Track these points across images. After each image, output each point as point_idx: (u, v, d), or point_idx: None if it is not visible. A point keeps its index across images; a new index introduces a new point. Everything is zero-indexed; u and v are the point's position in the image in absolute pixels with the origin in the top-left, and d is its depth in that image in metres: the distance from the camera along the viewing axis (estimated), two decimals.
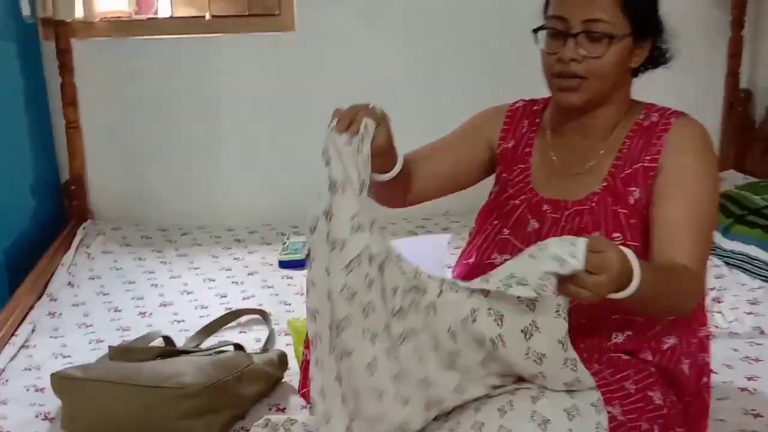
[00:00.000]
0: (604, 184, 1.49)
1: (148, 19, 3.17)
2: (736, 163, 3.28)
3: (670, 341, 1.51)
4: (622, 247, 1.22)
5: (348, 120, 1.35)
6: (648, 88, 3.41)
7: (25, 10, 2.85)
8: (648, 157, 1.46)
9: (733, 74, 3.26)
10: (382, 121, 1.39)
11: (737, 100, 3.26)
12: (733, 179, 3.15)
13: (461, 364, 1.32)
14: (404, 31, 3.12)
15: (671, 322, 1.52)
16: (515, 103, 1.66)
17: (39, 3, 2.83)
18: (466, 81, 3.07)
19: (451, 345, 1.30)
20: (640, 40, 1.46)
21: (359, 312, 1.28)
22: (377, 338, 1.30)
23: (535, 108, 1.63)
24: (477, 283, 1.27)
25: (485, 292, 1.26)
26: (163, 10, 3.21)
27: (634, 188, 1.47)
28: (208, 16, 3.10)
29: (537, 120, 1.61)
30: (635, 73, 1.52)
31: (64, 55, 2.96)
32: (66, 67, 2.97)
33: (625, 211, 1.47)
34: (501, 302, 1.25)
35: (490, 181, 1.66)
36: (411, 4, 3.09)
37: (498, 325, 1.26)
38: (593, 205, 1.48)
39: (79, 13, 2.88)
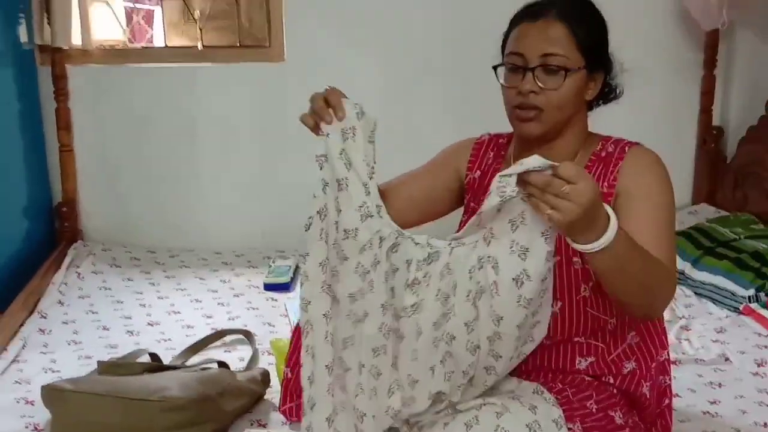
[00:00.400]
0: None
1: (142, 47, 3.26)
2: (708, 197, 3.38)
3: (630, 366, 1.58)
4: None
5: (328, 111, 1.47)
6: (623, 123, 3.53)
7: (23, 37, 2.92)
8: (605, 184, 1.54)
9: (705, 111, 3.37)
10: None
11: (710, 137, 3.37)
12: (705, 213, 3.25)
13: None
14: (386, 62, 3.20)
15: (630, 346, 1.60)
16: (482, 136, 1.75)
17: (36, 30, 2.90)
18: (444, 107, 3.17)
19: (451, 300, 1.40)
20: (592, 73, 1.54)
21: (368, 287, 1.42)
22: (368, 317, 1.43)
23: (500, 141, 1.71)
24: (470, 224, 1.38)
25: (487, 241, 1.36)
26: (157, 40, 3.30)
27: None
28: (200, 46, 3.19)
29: (502, 152, 1.69)
30: (590, 107, 1.61)
31: (59, 81, 3.03)
32: (61, 92, 3.04)
33: None
34: (498, 249, 1.34)
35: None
36: (396, 38, 3.19)
37: (495, 272, 1.35)
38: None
39: (76, 40, 2.95)
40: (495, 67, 1.57)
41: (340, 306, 1.47)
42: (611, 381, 1.57)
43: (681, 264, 2.79)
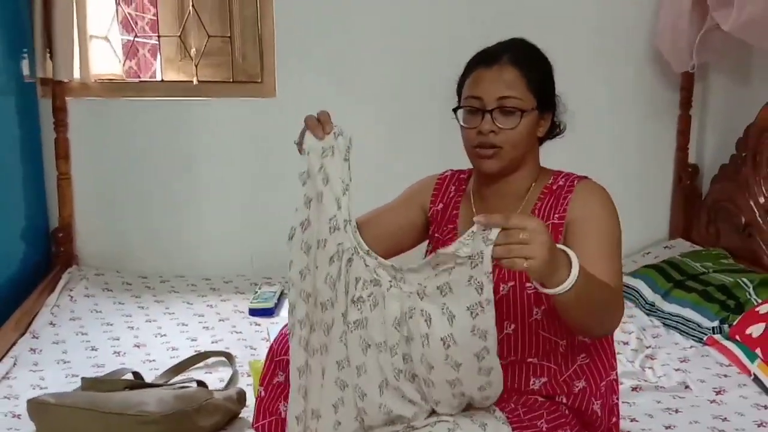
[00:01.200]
0: None
1: (140, 81, 3.40)
2: (684, 232, 3.48)
3: (581, 384, 1.67)
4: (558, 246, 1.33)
5: (319, 126, 1.58)
6: (602, 161, 3.67)
7: (26, 71, 3.07)
8: (557, 215, 1.65)
9: (681, 150, 3.48)
10: None
11: (685, 174, 3.47)
12: (680, 247, 3.35)
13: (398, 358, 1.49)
14: (373, 98, 3.34)
15: (581, 367, 1.70)
16: (445, 172, 1.86)
17: (39, 64, 3.05)
18: (426, 143, 3.29)
19: (395, 337, 1.48)
20: (543, 113, 1.67)
21: (334, 297, 1.53)
22: (333, 325, 1.53)
23: (461, 176, 1.83)
24: (425, 261, 1.44)
25: (421, 295, 1.43)
26: (158, 74, 3.44)
27: None
28: (195, 81, 3.33)
29: (463, 186, 1.81)
30: (540, 142, 1.73)
31: (59, 113, 3.16)
32: (61, 123, 3.17)
33: None
34: (432, 305, 1.42)
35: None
36: (380, 75, 3.33)
37: (427, 326, 1.43)
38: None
39: (76, 74, 3.10)
40: (455, 110, 1.69)
41: (314, 314, 1.57)
42: (564, 400, 1.66)
43: (651, 296, 2.90)
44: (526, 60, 1.65)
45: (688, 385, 2.31)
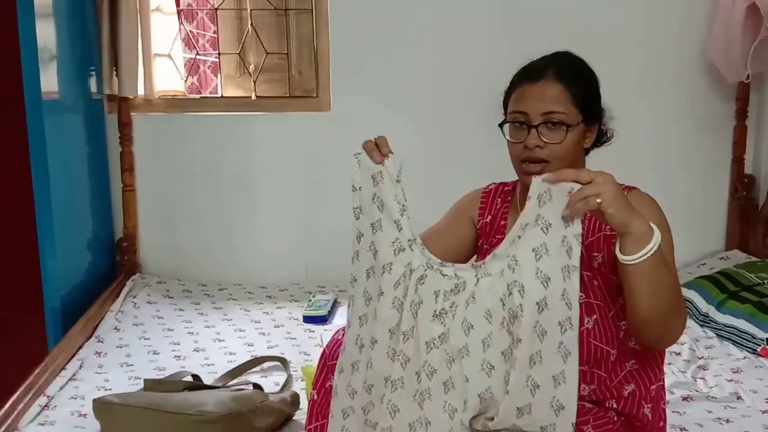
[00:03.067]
0: None
1: (201, 97, 3.53)
2: (740, 243, 3.44)
3: (630, 388, 1.68)
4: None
5: (376, 150, 1.62)
6: (655, 171, 3.63)
7: (93, 88, 3.22)
8: (608, 227, 1.64)
9: (737, 160, 3.45)
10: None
11: (741, 185, 3.44)
12: (735, 259, 3.32)
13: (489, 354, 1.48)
14: (423, 116, 3.40)
15: (630, 372, 1.70)
16: (488, 186, 1.89)
17: (105, 82, 3.19)
18: (474, 159, 3.29)
19: (486, 329, 1.47)
20: (589, 125, 1.69)
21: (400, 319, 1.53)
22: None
23: (506, 188, 1.86)
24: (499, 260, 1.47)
25: (512, 267, 1.46)
26: (219, 89, 3.57)
27: (597, 254, 1.66)
28: (253, 97, 3.44)
29: (509, 198, 1.84)
30: (586, 151, 1.75)
31: (124, 127, 3.30)
32: (126, 138, 3.31)
33: (588, 273, 1.65)
34: (525, 275, 1.44)
35: None
36: (430, 92, 3.39)
37: (521, 296, 1.44)
38: None
39: (140, 90, 3.24)
40: (501, 125, 1.72)
41: (379, 343, 1.55)
42: (614, 405, 1.67)
43: (705, 307, 2.88)
44: (571, 74, 1.67)
45: (740, 395, 2.30)
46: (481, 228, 1.85)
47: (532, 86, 1.66)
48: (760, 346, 2.57)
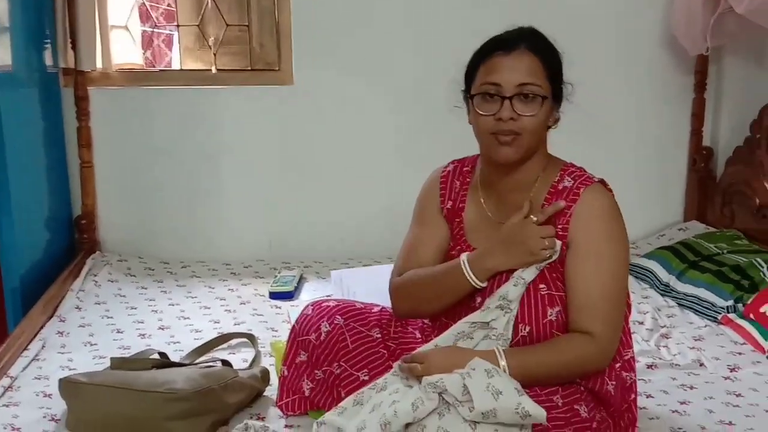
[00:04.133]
0: None
1: (160, 70, 3.46)
2: (698, 214, 3.50)
3: None
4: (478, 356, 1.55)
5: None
6: (618, 144, 3.69)
7: (49, 61, 3.13)
8: (560, 226, 1.67)
9: (696, 133, 3.50)
10: None
11: (700, 157, 3.49)
12: (694, 229, 3.38)
13: None
14: (390, 86, 3.37)
15: None
16: (446, 167, 1.87)
17: (61, 54, 3.11)
18: (445, 130, 3.28)
19: None
20: (554, 102, 1.69)
21: None
22: None
23: (464, 168, 1.84)
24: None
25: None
26: (173, 63, 3.49)
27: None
28: (214, 70, 3.37)
29: (467, 179, 1.82)
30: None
31: (81, 102, 3.22)
32: (83, 113, 3.23)
33: (546, 266, 1.67)
34: None
35: None
36: (395, 62, 3.36)
37: None
38: None
39: (98, 64, 3.15)
40: (471, 97, 1.70)
41: None
42: (578, 380, 1.69)
43: (666, 277, 2.93)
44: (544, 48, 1.67)
45: (702, 362, 2.34)
46: (447, 215, 1.84)
47: (505, 57, 1.65)
48: (720, 314, 2.62)
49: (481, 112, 1.67)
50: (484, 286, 1.68)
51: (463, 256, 1.70)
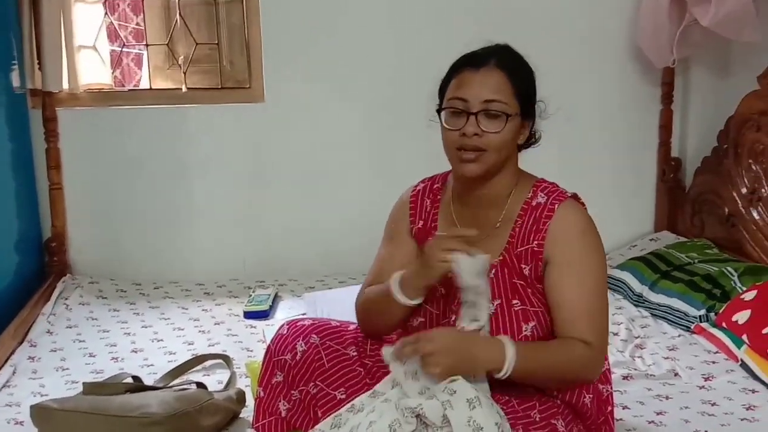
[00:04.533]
0: (500, 258, 1.69)
1: (129, 90, 3.43)
2: (668, 224, 3.54)
3: None
4: (496, 337, 1.59)
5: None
6: (588, 156, 3.72)
7: (16, 82, 3.08)
8: (535, 242, 1.67)
9: (664, 144, 3.54)
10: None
11: (669, 168, 3.54)
12: (665, 239, 3.42)
13: None
14: (361, 101, 3.38)
15: None
16: (416, 186, 1.87)
17: (28, 76, 3.06)
18: (415, 145, 3.29)
19: None
20: (524, 120, 1.69)
21: None
22: None
23: (435, 186, 1.84)
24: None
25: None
26: (143, 82, 3.46)
27: (525, 265, 1.68)
28: (184, 89, 3.35)
29: (438, 197, 1.82)
30: (519, 148, 1.74)
31: (50, 123, 3.18)
32: (51, 134, 3.19)
33: (522, 282, 1.68)
34: None
35: None
36: (366, 78, 3.36)
37: None
38: (492, 276, 1.68)
39: (65, 84, 3.12)
40: (438, 111, 1.70)
41: None
42: (555, 393, 1.70)
43: (639, 287, 2.96)
44: (513, 65, 1.67)
45: (677, 372, 2.37)
46: (416, 234, 1.84)
47: (474, 73, 1.65)
48: (693, 323, 2.65)
49: (447, 127, 1.68)
50: (414, 303, 1.69)
51: (396, 275, 1.71)
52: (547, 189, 1.73)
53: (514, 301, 1.66)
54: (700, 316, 2.65)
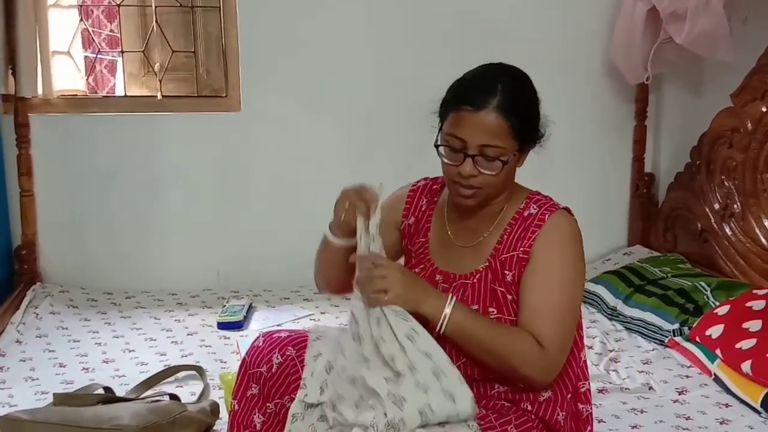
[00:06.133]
0: (486, 263, 1.69)
1: (103, 97, 3.39)
2: (642, 239, 3.58)
3: (546, 394, 1.69)
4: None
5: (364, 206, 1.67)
6: (560, 171, 3.74)
7: None
8: (522, 249, 1.66)
9: (638, 159, 3.58)
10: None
11: (642, 183, 3.58)
12: (638, 254, 3.45)
13: None
14: (338, 114, 3.37)
15: None
16: (418, 182, 1.87)
17: (1, 81, 3.01)
18: (393, 156, 3.31)
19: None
20: (525, 149, 1.67)
21: None
22: None
23: (434, 187, 1.84)
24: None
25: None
26: (117, 90, 3.43)
27: (508, 271, 1.67)
28: (159, 96, 3.32)
29: (435, 198, 1.82)
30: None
31: (21, 129, 3.12)
32: (23, 140, 3.14)
33: (502, 288, 1.67)
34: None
35: None
36: (344, 88, 3.36)
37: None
38: (475, 281, 1.68)
39: (39, 90, 3.07)
40: (436, 146, 1.66)
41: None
42: (528, 407, 1.68)
43: (613, 301, 2.97)
44: (514, 107, 1.62)
45: (651, 386, 2.38)
46: (405, 230, 1.84)
47: (473, 115, 1.60)
48: (667, 337, 2.66)
49: (445, 161, 1.66)
50: (341, 242, 1.76)
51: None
52: (540, 201, 1.72)
53: (491, 309, 1.65)
54: (673, 330, 2.67)
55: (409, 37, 3.33)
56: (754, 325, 2.40)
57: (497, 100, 1.59)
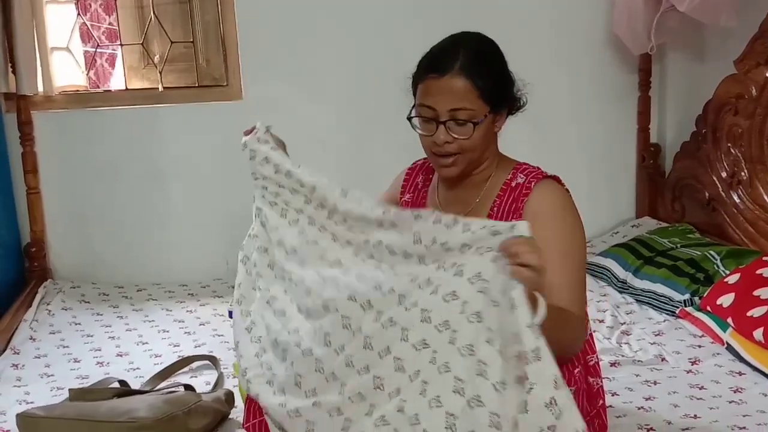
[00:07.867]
0: None
1: (104, 91, 3.38)
2: (649, 210, 3.56)
3: None
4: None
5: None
6: (565, 145, 3.72)
7: None
8: (513, 218, 1.66)
9: (643, 130, 3.56)
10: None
11: (648, 154, 3.56)
12: (646, 225, 3.43)
13: None
14: (339, 99, 3.37)
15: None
16: (415, 163, 1.90)
17: (2, 79, 3.02)
18: (392, 141, 3.29)
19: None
20: (498, 111, 1.66)
21: None
22: None
23: (429, 165, 1.85)
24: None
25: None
26: (118, 83, 3.42)
27: None
28: (160, 88, 3.32)
29: (430, 176, 1.85)
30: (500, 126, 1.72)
31: (25, 126, 3.13)
32: (27, 137, 3.14)
33: None
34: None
35: None
36: (344, 74, 3.35)
37: None
38: None
39: (39, 87, 3.07)
40: (409, 118, 1.68)
41: None
42: None
43: (623, 274, 2.97)
44: (477, 66, 1.62)
45: (664, 357, 2.38)
46: (402, 206, 1.84)
47: (438, 81, 1.61)
48: (678, 308, 2.66)
49: (421, 132, 1.68)
50: None
51: None
52: (527, 170, 1.73)
53: None
54: (684, 300, 2.66)
55: (410, 19, 3.31)
56: (765, 292, 2.39)
57: (460, 63, 1.60)
